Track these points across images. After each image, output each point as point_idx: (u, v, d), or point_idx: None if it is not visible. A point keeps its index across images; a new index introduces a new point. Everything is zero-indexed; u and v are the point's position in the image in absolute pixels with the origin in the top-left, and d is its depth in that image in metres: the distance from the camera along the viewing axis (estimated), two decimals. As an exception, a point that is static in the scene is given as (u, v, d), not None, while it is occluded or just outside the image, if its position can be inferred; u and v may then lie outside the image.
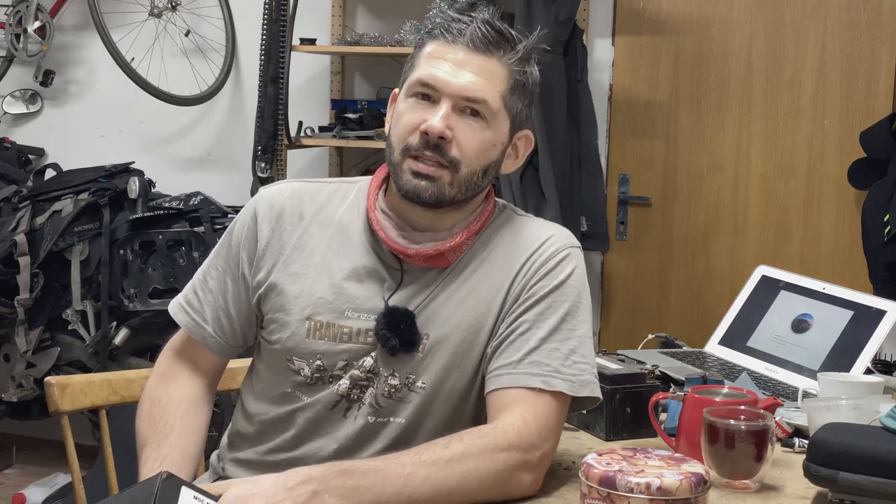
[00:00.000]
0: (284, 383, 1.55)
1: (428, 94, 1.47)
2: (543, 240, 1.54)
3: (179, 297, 1.65)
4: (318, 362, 1.52)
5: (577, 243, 1.57)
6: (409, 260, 1.52)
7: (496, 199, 1.60)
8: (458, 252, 1.52)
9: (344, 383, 1.52)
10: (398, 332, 1.48)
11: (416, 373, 1.50)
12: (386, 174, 1.56)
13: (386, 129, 1.55)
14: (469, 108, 1.47)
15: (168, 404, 1.58)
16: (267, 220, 1.57)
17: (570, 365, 1.46)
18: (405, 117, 1.49)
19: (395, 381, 1.51)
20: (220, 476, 1.63)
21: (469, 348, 1.51)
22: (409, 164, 1.48)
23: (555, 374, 1.45)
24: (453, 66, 1.46)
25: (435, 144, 1.46)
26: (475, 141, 1.47)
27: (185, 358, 1.64)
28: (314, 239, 1.56)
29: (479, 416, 1.53)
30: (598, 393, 1.50)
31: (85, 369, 3.68)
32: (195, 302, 1.62)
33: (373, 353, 1.51)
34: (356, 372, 1.51)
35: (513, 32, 1.50)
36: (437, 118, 1.45)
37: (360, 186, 1.60)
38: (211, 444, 1.69)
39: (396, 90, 1.55)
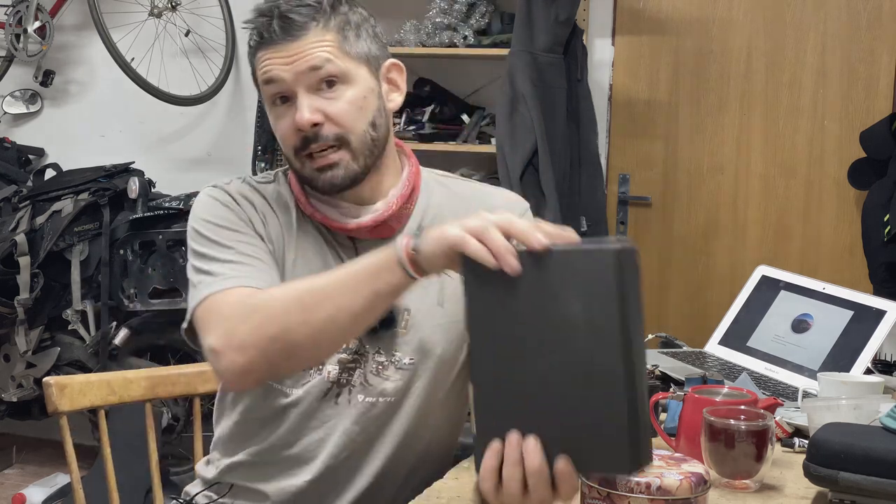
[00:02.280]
0: None
1: (283, 95, 1.47)
2: (493, 195, 1.59)
3: (214, 285, 1.41)
4: None
5: (527, 203, 1.61)
6: (355, 234, 1.51)
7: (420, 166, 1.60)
8: (400, 219, 1.52)
9: (333, 369, 1.50)
10: None
11: (402, 349, 1.51)
12: None
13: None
14: (321, 81, 1.46)
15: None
16: (233, 205, 1.52)
17: None
18: (279, 126, 1.49)
19: (381, 358, 1.51)
20: (216, 482, 1.60)
21: (452, 318, 1.51)
22: (309, 165, 1.48)
23: None
24: (284, 58, 1.45)
25: (314, 134, 1.45)
26: (345, 107, 1.46)
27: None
28: (269, 227, 1.53)
29: (466, 383, 1.53)
30: None
31: (85, 369, 3.68)
32: (236, 271, 1.43)
33: None
34: (343, 355, 1.50)
35: None
36: (301, 111, 1.44)
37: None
38: (209, 443, 1.68)
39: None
